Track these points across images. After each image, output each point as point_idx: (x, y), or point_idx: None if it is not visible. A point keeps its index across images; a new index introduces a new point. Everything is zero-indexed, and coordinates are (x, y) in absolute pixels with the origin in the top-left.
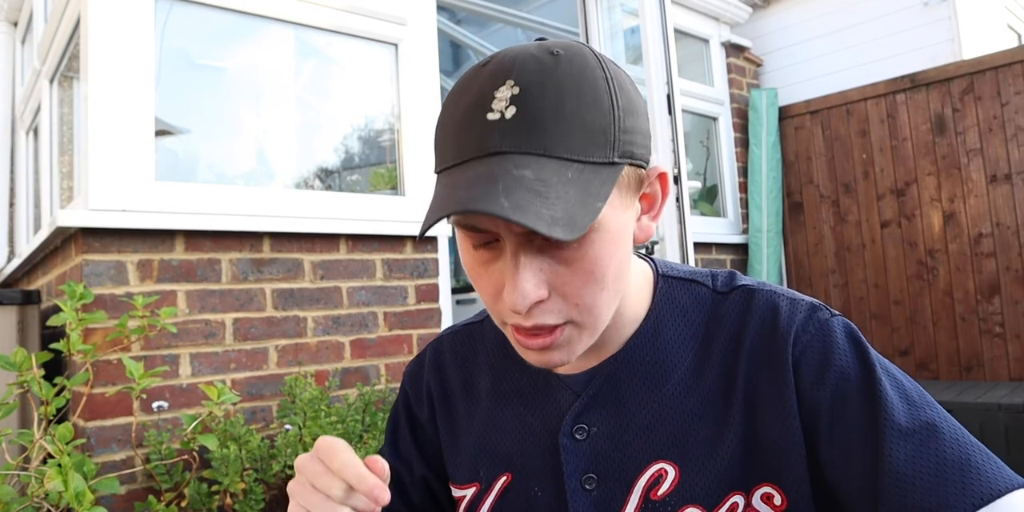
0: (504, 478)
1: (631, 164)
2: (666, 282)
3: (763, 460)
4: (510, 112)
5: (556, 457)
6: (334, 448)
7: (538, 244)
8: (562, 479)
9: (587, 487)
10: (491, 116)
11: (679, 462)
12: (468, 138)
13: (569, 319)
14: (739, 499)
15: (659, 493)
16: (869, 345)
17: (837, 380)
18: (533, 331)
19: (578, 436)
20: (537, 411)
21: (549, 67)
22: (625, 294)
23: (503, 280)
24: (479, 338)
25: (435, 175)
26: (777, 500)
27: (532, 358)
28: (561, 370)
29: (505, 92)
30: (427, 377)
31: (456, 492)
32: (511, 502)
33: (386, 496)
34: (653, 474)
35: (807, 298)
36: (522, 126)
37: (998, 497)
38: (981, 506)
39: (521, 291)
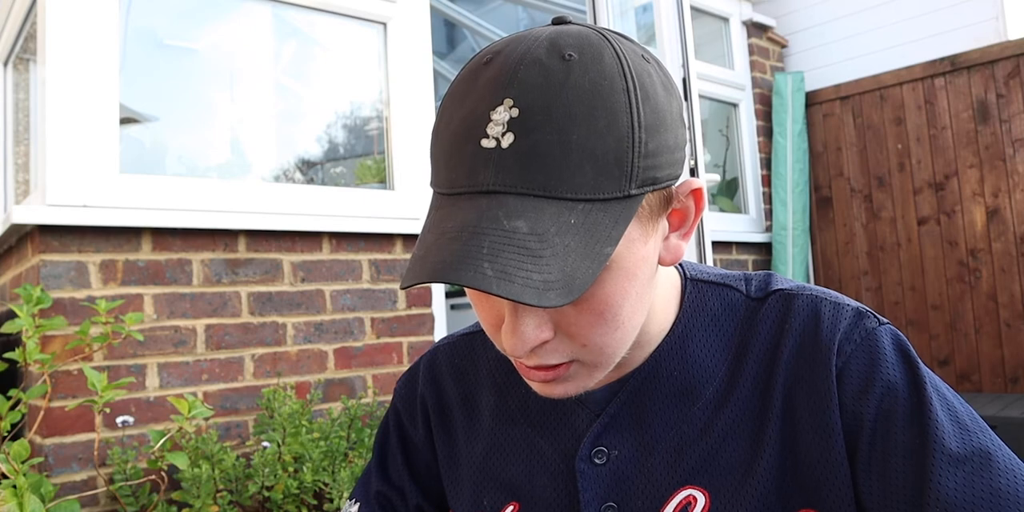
0: (510, 508)
1: (654, 191)
2: (695, 287)
3: (803, 481)
4: (507, 140)
5: (570, 484)
6: None
7: None
8: (577, 508)
9: None
10: (486, 143)
11: (709, 488)
12: (459, 166)
13: (575, 358)
14: None
15: None
16: (919, 358)
17: (883, 394)
18: (536, 368)
19: (597, 460)
20: (548, 433)
21: (557, 81)
22: (648, 311)
23: (502, 314)
24: (480, 349)
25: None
26: None
27: (538, 389)
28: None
29: (503, 114)
30: (422, 392)
31: None
32: None
33: None
34: (681, 502)
35: (852, 302)
36: (520, 160)
37: None
38: None
39: (520, 336)
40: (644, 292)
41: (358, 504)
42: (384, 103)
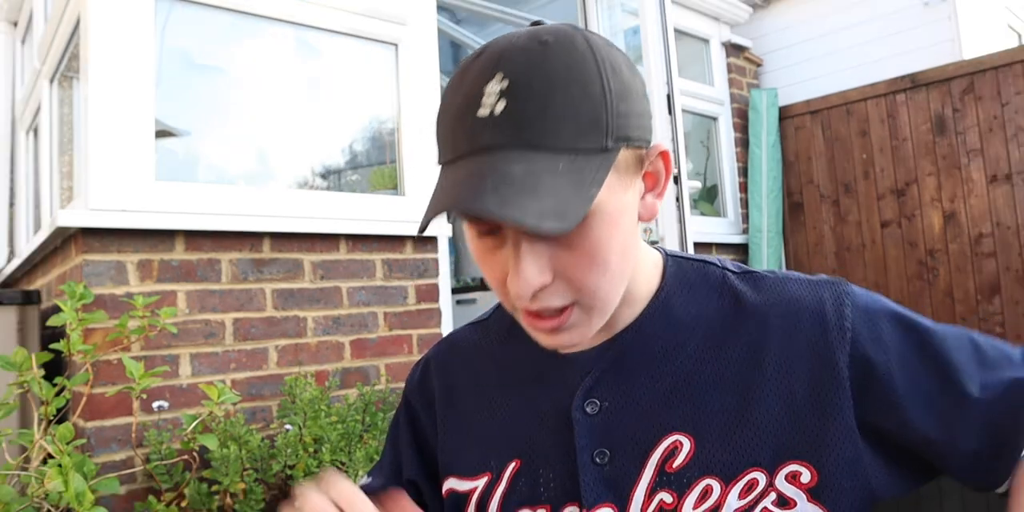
0: (513, 464)
1: (628, 147)
2: (675, 262)
3: (797, 437)
4: (499, 107)
5: (566, 435)
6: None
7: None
8: (573, 456)
9: (598, 462)
10: (481, 112)
11: (694, 434)
12: (460, 134)
13: (575, 301)
14: (759, 476)
15: (674, 465)
16: (895, 305)
17: (891, 341)
18: (541, 314)
19: (589, 410)
20: (546, 393)
21: (537, 59)
22: (634, 273)
23: (507, 268)
24: (483, 335)
25: (438, 168)
26: (806, 477)
27: (545, 341)
28: (568, 350)
29: (494, 86)
30: (431, 378)
31: (461, 484)
32: (520, 488)
33: None
34: (668, 446)
35: (823, 276)
36: (511, 121)
37: None
38: None
39: (524, 278)
40: (628, 243)
41: (369, 477)
42: (396, 116)
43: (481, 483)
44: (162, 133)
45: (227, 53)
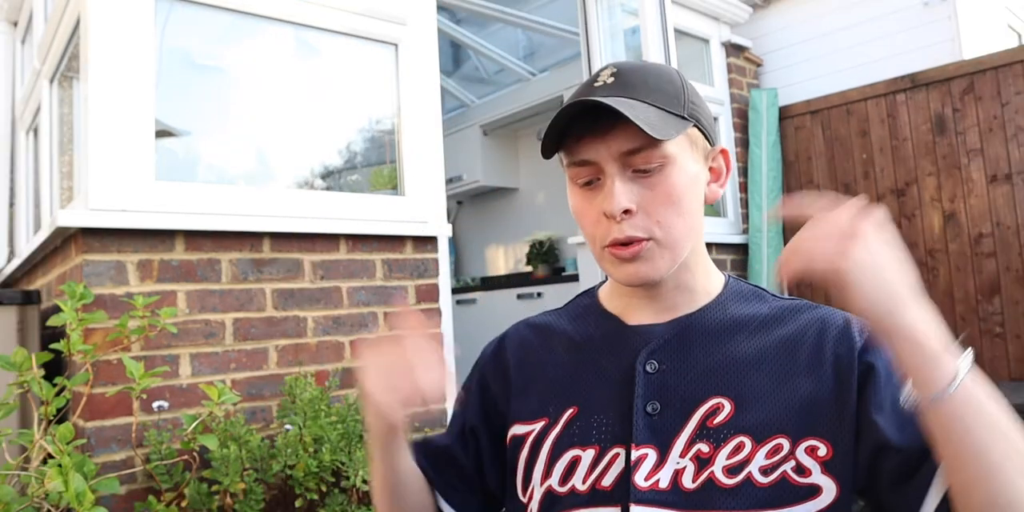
0: (570, 411)
1: (697, 126)
2: (736, 281)
3: (819, 418)
4: (610, 81)
5: (625, 387)
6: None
7: (629, 174)
8: (628, 405)
9: (649, 411)
10: (596, 84)
11: (736, 399)
12: (578, 97)
13: (651, 235)
14: (784, 442)
15: (715, 422)
16: None
17: (885, 365)
18: (625, 242)
19: (648, 369)
20: (610, 355)
21: (639, 64)
22: (700, 271)
23: (602, 207)
24: (557, 318)
25: (541, 156)
26: (822, 451)
27: (625, 272)
28: (638, 323)
29: (607, 72)
30: (507, 352)
31: (521, 429)
32: (574, 431)
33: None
34: (711, 406)
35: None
36: (618, 84)
37: None
38: None
39: (616, 199)
40: (697, 207)
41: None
42: (396, 116)
43: (538, 426)
44: (162, 133)
45: (227, 53)
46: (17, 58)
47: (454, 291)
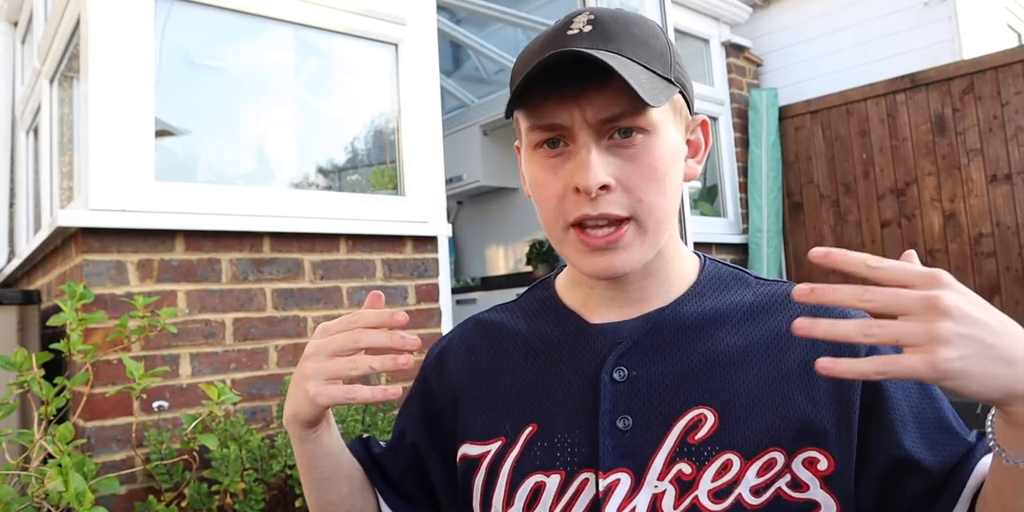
0: (530, 429)
1: (682, 93)
2: (713, 264)
3: (816, 428)
4: (587, 28)
5: (590, 400)
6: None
7: (605, 143)
8: (595, 421)
9: (620, 427)
10: (571, 31)
11: (719, 409)
12: (549, 48)
13: (632, 214)
14: (778, 455)
15: (696, 437)
16: None
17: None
18: (599, 225)
19: (616, 377)
20: (572, 361)
21: (618, 12)
22: (673, 255)
23: (570, 181)
24: (510, 315)
25: (505, 117)
26: (823, 465)
27: (595, 263)
28: (601, 320)
29: (582, 19)
30: (451, 359)
31: (474, 449)
32: (535, 453)
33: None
34: (692, 418)
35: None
36: (598, 34)
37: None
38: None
39: (593, 171)
40: (678, 183)
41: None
42: (396, 116)
43: (494, 447)
44: (162, 132)
45: (227, 53)
46: (17, 58)
47: (454, 291)
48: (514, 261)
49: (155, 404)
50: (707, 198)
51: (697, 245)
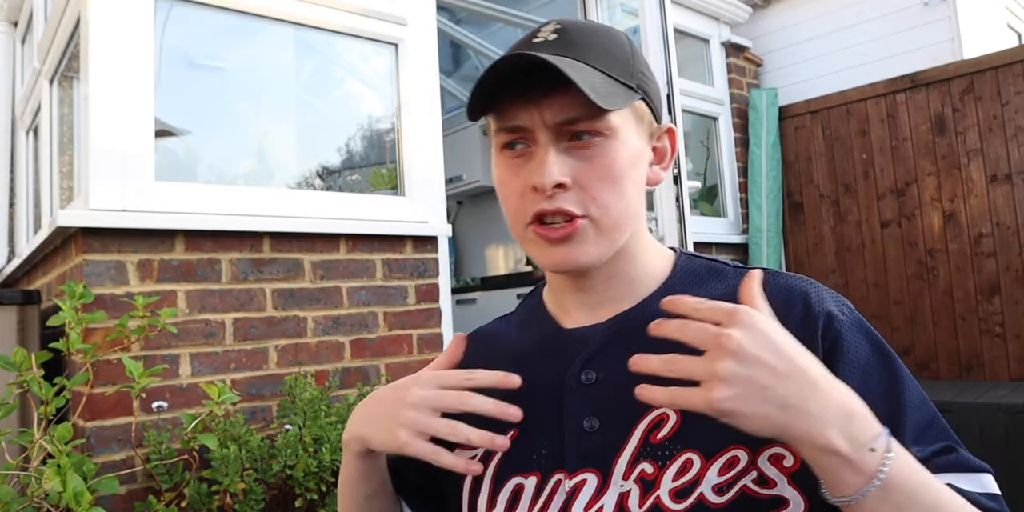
0: (511, 433)
1: (644, 100)
2: (687, 258)
3: None
4: (552, 37)
5: (556, 404)
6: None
7: (565, 145)
8: (562, 423)
9: (587, 429)
10: (536, 39)
11: (682, 409)
12: (513, 52)
13: (586, 212)
14: (741, 454)
15: (658, 436)
16: (875, 331)
17: (864, 363)
18: (555, 220)
19: (584, 379)
20: (548, 365)
21: (584, 23)
22: (643, 257)
23: (529, 180)
24: (505, 325)
25: (466, 128)
26: (788, 461)
27: (551, 255)
28: (575, 324)
29: (549, 28)
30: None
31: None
32: (514, 455)
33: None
34: (655, 418)
35: (828, 291)
36: (561, 42)
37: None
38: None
39: (548, 170)
40: (638, 188)
41: None
42: (396, 116)
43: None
44: (162, 133)
45: (227, 52)
46: (17, 58)
47: (454, 291)
48: (514, 261)
49: (155, 404)
50: (707, 198)
51: (697, 245)
